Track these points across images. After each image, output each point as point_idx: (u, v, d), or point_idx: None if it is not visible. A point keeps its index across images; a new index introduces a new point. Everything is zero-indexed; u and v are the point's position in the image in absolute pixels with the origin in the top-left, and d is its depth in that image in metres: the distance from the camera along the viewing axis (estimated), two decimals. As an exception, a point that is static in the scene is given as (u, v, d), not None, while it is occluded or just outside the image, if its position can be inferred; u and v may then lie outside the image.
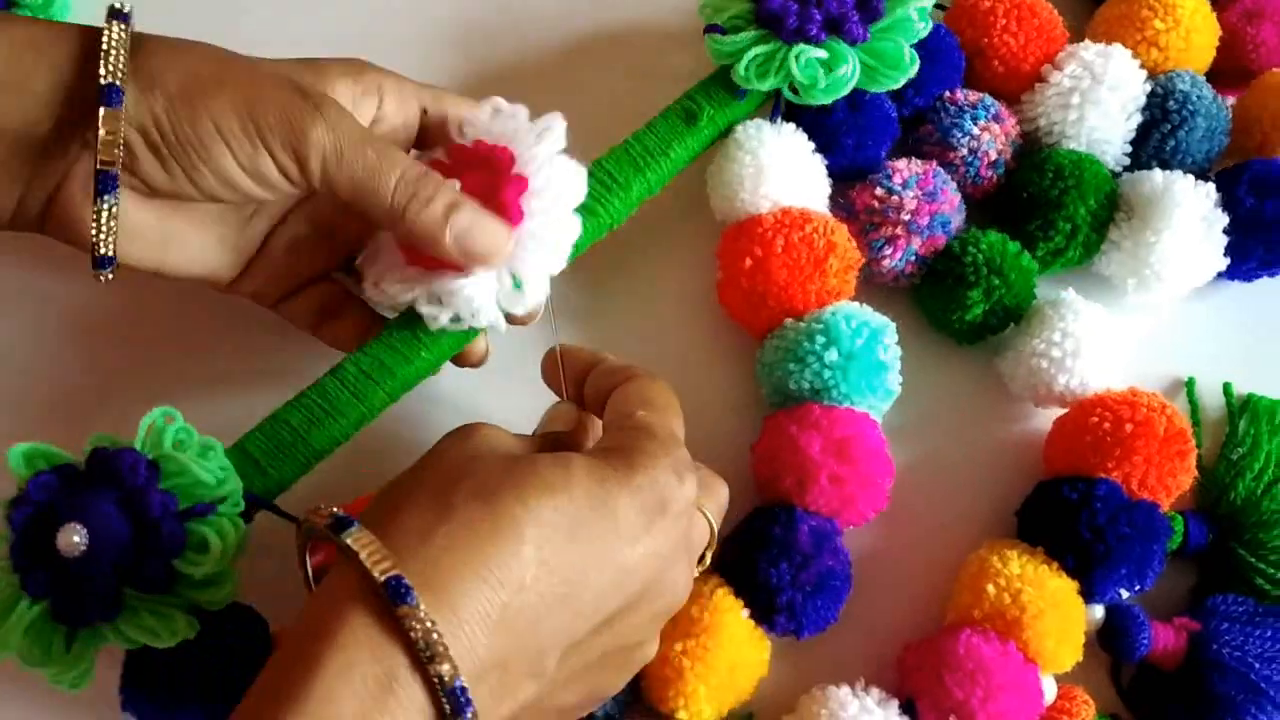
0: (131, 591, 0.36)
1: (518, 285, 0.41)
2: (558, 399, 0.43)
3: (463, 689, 0.30)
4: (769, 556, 0.43)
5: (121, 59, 0.37)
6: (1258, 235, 0.50)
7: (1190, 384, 0.51)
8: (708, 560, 0.41)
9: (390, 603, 0.30)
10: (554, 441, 0.40)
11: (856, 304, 0.48)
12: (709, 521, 0.40)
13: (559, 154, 0.43)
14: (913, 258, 0.50)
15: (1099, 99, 0.50)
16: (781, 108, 0.50)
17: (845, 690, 0.43)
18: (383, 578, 0.30)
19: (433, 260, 0.41)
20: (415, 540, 0.32)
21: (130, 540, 0.35)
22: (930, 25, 0.50)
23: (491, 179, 0.42)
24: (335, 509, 0.33)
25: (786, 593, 0.43)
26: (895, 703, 0.44)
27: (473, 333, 0.44)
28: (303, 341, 0.47)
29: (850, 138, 0.50)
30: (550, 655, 0.33)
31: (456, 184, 0.41)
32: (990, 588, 0.44)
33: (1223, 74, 0.55)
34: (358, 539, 0.31)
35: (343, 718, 0.29)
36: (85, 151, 0.38)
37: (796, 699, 0.45)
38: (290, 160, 0.39)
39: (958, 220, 0.50)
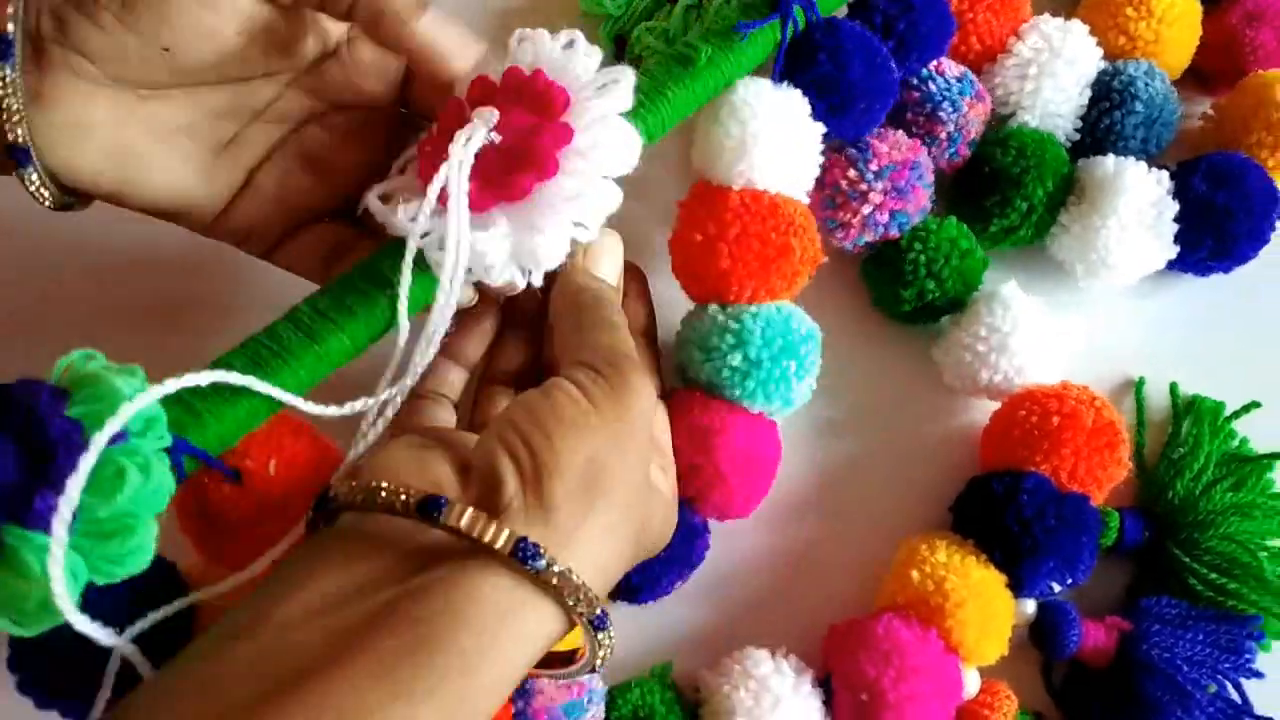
0: (17, 530, 0.30)
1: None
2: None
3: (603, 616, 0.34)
4: None
5: None
6: (1208, 224, 0.51)
7: (1139, 384, 0.52)
8: None
9: (521, 565, 0.32)
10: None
11: (787, 307, 0.46)
12: None
13: (617, 114, 0.39)
14: (862, 244, 0.51)
15: (1055, 71, 0.52)
16: (781, 58, 0.47)
17: (763, 652, 0.45)
18: (508, 545, 0.32)
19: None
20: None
21: (22, 470, 0.30)
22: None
23: (536, 119, 0.38)
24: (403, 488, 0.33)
25: None
26: (810, 674, 0.45)
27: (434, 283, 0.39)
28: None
29: (863, 100, 0.48)
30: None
31: (495, 112, 0.38)
32: (915, 574, 0.46)
33: (1220, 75, 0.57)
34: (460, 514, 0.32)
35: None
36: None
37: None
38: None
39: (919, 218, 0.50)
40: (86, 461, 0.29)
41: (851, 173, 0.49)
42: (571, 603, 0.32)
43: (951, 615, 0.44)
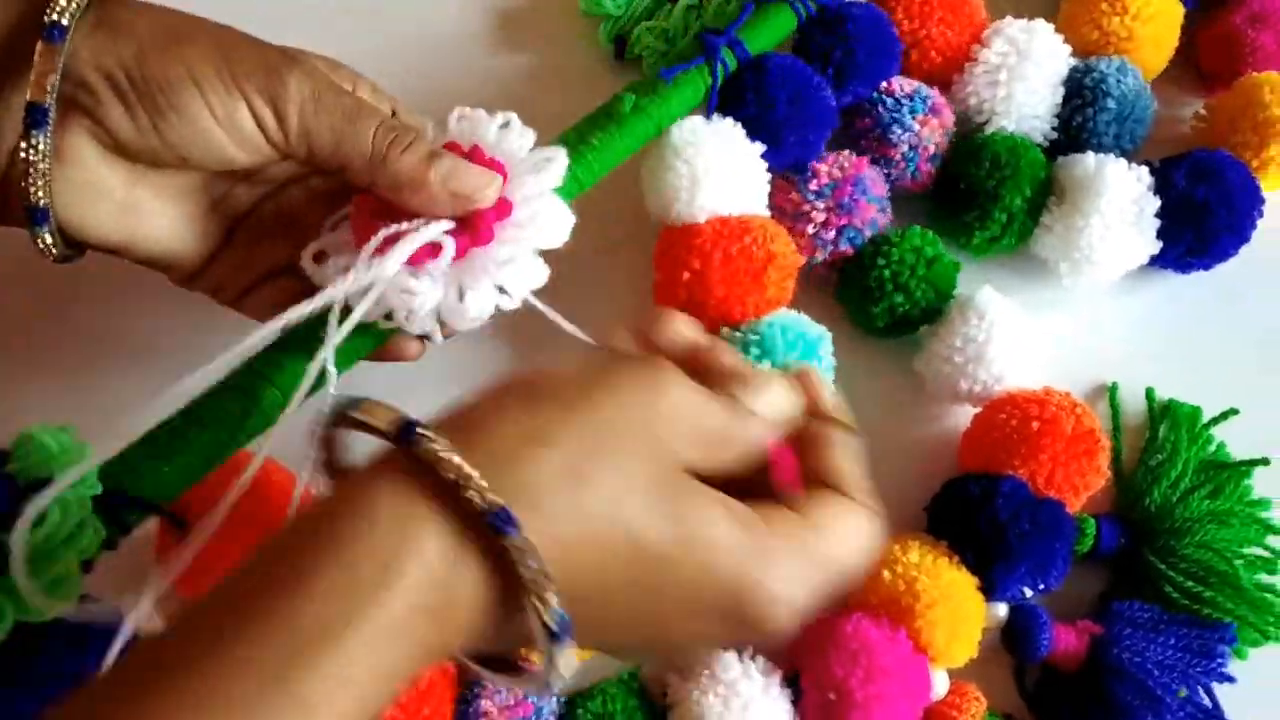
0: None
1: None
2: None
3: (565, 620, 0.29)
4: None
5: (74, 3, 0.37)
6: (1188, 219, 0.51)
7: (1113, 389, 0.52)
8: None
9: (493, 534, 0.28)
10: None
11: (794, 314, 0.48)
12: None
13: (551, 192, 0.42)
14: (819, 264, 0.51)
15: (1025, 75, 0.52)
16: (716, 99, 0.50)
17: (730, 655, 0.45)
18: (489, 507, 0.28)
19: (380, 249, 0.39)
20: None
21: None
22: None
23: None
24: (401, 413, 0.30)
25: None
26: (779, 674, 0.45)
27: (372, 340, 0.42)
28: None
29: (792, 134, 0.50)
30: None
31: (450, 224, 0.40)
32: (886, 574, 0.46)
33: (1219, 76, 0.57)
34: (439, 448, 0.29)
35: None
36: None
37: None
38: (267, 109, 0.39)
39: (870, 230, 0.51)
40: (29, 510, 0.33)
41: (793, 195, 0.50)
42: (451, 477, 0.28)
43: (921, 616, 0.44)
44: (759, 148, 0.49)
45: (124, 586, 0.38)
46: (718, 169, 0.48)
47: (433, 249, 0.39)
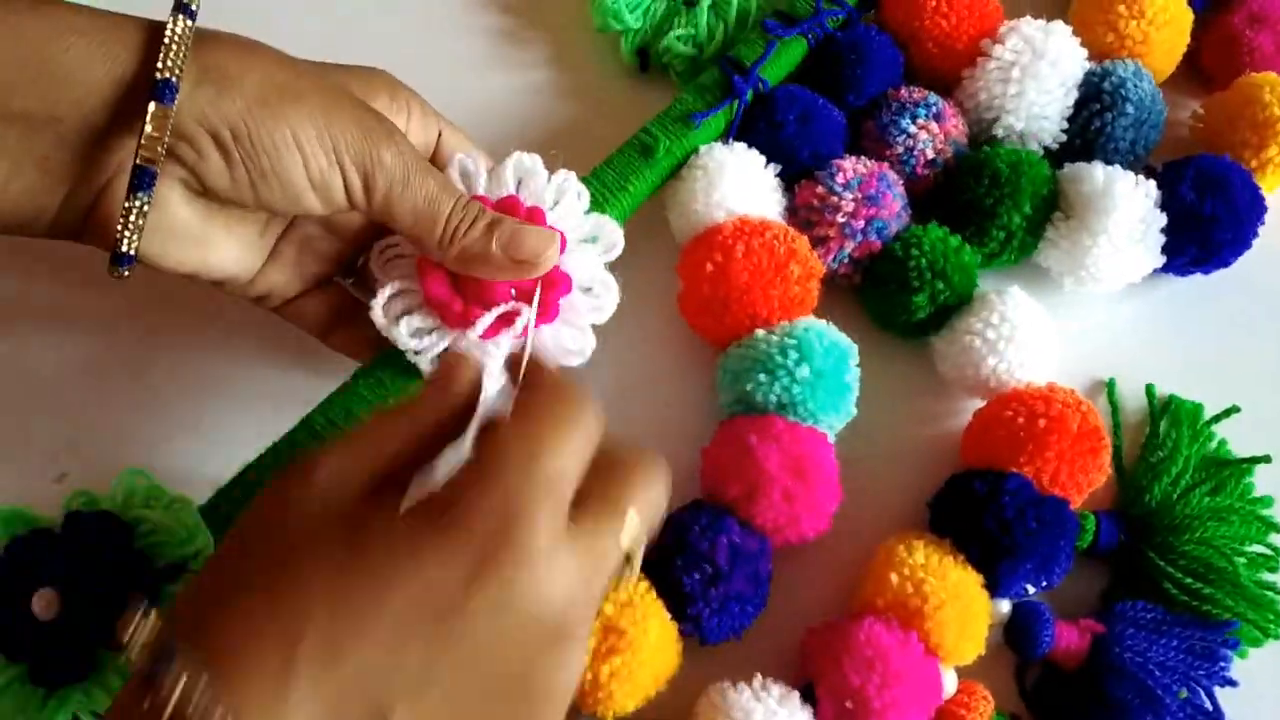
0: (106, 652, 0.37)
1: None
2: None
3: None
4: (686, 560, 0.44)
5: (182, 55, 0.37)
6: (1193, 231, 0.51)
7: (1111, 385, 0.52)
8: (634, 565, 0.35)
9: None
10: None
11: (824, 322, 0.49)
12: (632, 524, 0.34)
13: (604, 269, 0.45)
14: (845, 260, 0.51)
15: (1039, 73, 0.52)
16: (734, 130, 0.52)
17: (747, 693, 0.43)
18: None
19: (455, 314, 0.42)
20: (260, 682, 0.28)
21: (104, 601, 0.37)
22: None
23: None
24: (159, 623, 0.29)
25: (698, 604, 0.44)
26: (795, 695, 0.44)
27: None
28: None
29: (805, 150, 0.52)
30: None
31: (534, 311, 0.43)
32: (893, 576, 0.45)
33: (1218, 76, 0.57)
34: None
35: None
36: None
37: (696, 684, 0.45)
38: (358, 180, 0.40)
39: (896, 226, 0.51)
40: None
41: (820, 189, 0.50)
42: None
43: (931, 617, 0.44)
44: (775, 168, 0.52)
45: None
46: (734, 174, 0.50)
47: (503, 320, 0.42)
